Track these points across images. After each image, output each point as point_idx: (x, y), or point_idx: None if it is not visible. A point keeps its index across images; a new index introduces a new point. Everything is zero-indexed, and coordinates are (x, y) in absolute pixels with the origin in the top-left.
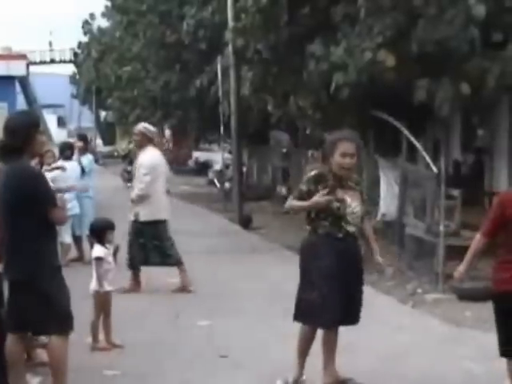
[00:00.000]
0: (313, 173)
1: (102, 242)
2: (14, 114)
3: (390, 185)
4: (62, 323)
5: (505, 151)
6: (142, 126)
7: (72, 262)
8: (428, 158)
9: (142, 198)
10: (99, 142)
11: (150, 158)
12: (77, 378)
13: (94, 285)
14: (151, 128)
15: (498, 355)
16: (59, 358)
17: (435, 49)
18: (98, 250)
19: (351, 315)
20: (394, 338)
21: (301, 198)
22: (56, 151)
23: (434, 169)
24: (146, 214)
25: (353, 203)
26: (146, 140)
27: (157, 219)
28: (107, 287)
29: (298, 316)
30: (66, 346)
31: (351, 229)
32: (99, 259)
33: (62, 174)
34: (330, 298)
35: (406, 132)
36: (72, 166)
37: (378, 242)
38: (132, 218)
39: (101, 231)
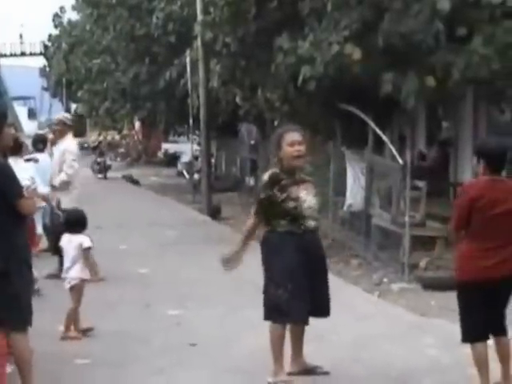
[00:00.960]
0: (266, 177)
1: (78, 232)
2: None
3: (356, 176)
4: (24, 320)
5: (469, 143)
6: (62, 115)
7: (43, 252)
8: (394, 150)
9: (66, 185)
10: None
11: (74, 145)
12: (47, 367)
13: (80, 273)
14: (70, 117)
15: (462, 343)
16: (21, 351)
17: (401, 42)
18: (86, 241)
19: (321, 307)
20: (360, 327)
21: (263, 206)
22: (28, 143)
23: (400, 160)
24: (67, 201)
25: (308, 197)
26: (66, 128)
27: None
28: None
29: (267, 315)
30: (26, 339)
31: (310, 224)
32: (89, 249)
33: (35, 166)
34: (295, 294)
35: (372, 124)
36: (44, 157)
37: (345, 231)
38: (53, 204)
39: (78, 222)
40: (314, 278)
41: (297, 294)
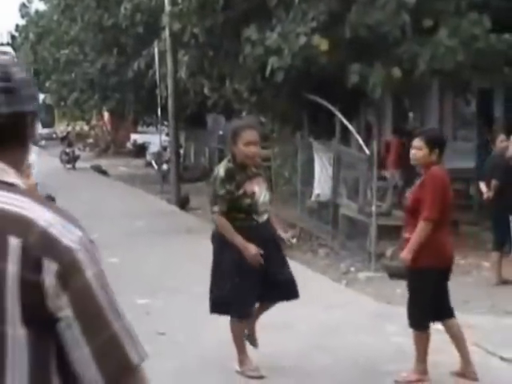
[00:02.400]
0: (222, 173)
1: None
2: None
3: (323, 166)
4: None
5: None
6: None
7: None
8: (361, 141)
9: None
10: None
11: None
12: None
13: None
14: None
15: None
16: None
17: (368, 34)
18: None
19: (287, 290)
20: (327, 316)
21: (226, 203)
22: None
23: (367, 151)
24: None
25: (262, 191)
26: None
27: None
28: None
29: (213, 308)
30: None
31: (263, 218)
32: None
33: None
34: (242, 289)
35: (339, 115)
36: None
37: (312, 221)
38: None
39: None
40: (273, 263)
41: (244, 291)
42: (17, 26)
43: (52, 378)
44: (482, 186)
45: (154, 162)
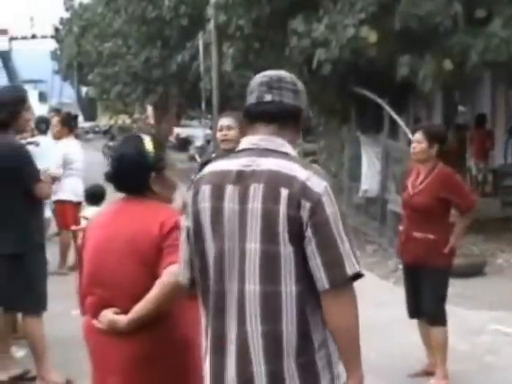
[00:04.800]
0: (200, 160)
1: (96, 204)
2: (1, 89)
3: (371, 161)
4: (37, 303)
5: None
6: None
7: (54, 236)
8: (410, 135)
9: None
10: (80, 117)
11: None
12: (61, 351)
13: None
14: None
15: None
16: (34, 334)
17: (418, 25)
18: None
19: None
20: (374, 313)
21: None
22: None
23: None
24: None
25: None
26: None
27: None
28: None
29: None
30: (39, 323)
31: None
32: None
33: (35, 149)
34: None
35: (387, 108)
36: (45, 140)
37: (360, 217)
38: None
39: (101, 196)
40: None
41: None
42: (61, 18)
43: (304, 276)
44: None
45: (197, 156)
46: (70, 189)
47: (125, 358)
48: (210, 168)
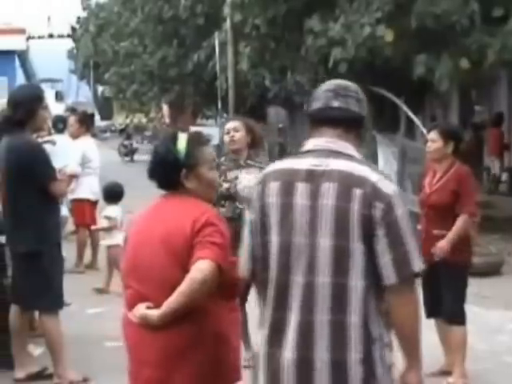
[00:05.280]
0: None
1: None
2: (18, 87)
3: (388, 160)
4: (53, 301)
5: (504, 127)
6: None
7: (71, 234)
8: (427, 134)
9: None
10: (96, 116)
11: None
12: (77, 349)
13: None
14: None
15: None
16: (51, 332)
17: (435, 24)
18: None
19: None
20: None
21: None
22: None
23: None
24: None
25: (247, 176)
26: None
27: None
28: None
29: None
30: (56, 321)
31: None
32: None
33: (52, 148)
34: None
35: (404, 108)
36: (62, 139)
37: None
38: None
39: (120, 195)
40: None
41: None
42: (78, 18)
43: (370, 272)
44: None
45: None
46: (87, 187)
47: (157, 351)
48: (275, 166)
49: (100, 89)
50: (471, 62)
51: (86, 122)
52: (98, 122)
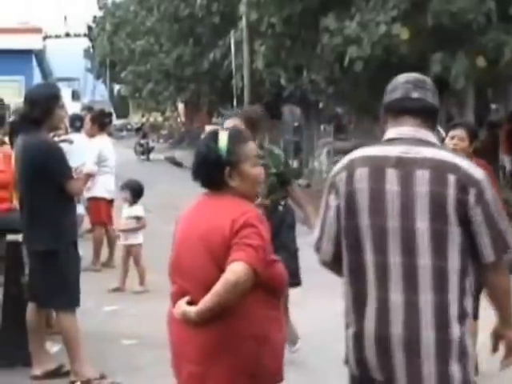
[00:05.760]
0: None
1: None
2: (35, 86)
3: None
4: (69, 300)
5: None
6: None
7: (87, 233)
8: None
9: None
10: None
11: None
12: (94, 347)
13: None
14: None
15: None
16: (67, 330)
17: (451, 22)
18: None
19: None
20: None
21: None
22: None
23: None
24: None
25: None
26: None
27: None
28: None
29: None
30: (73, 319)
31: None
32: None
33: (68, 147)
34: None
35: None
36: (79, 138)
37: None
38: None
39: (141, 192)
40: None
41: None
42: (94, 17)
43: (465, 253)
44: None
45: None
46: (103, 186)
47: (197, 348)
48: (359, 153)
49: (116, 87)
50: (487, 61)
51: (99, 121)
52: (114, 120)
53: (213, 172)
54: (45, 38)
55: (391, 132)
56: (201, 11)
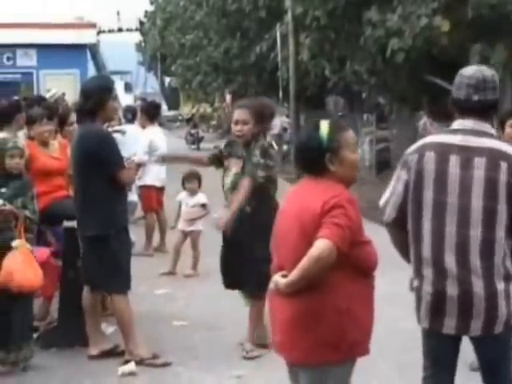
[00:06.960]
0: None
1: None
2: (89, 79)
3: None
4: (121, 283)
5: None
6: None
7: (140, 219)
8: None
9: None
10: (164, 106)
11: None
12: (146, 328)
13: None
14: None
15: None
16: (121, 312)
17: (490, 13)
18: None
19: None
20: None
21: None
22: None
23: None
24: None
25: (232, 169)
26: None
27: None
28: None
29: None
30: (126, 301)
31: (227, 200)
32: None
33: (121, 137)
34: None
35: None
36: (132, 129)
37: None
38: None
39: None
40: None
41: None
42: (145, 12)
43: (510, 226)
44: None
45: (274, 143)
46: (154, 174)
47: (283, 319)
48: (429, 140)
49: (167, 80)
50: None
51: (148, 112)
52: (166, 111)
53: (315, 158)
54: (99, 32)
55: (456, 123)
56: (248, 5)
